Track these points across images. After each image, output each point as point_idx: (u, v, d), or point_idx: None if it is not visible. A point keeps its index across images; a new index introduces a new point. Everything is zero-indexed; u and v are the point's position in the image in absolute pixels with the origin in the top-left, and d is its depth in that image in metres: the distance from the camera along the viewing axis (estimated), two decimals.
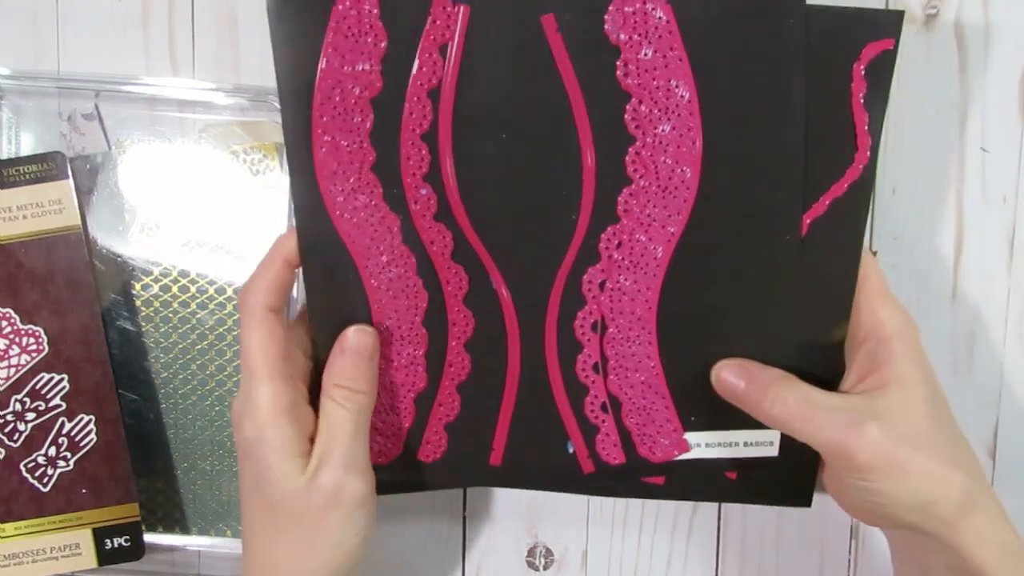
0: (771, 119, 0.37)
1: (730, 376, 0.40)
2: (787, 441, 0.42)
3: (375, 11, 0.36)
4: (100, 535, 0.46)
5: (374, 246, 0.39)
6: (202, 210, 0.46)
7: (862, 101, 0.37)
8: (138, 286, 0.46)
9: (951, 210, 0.45)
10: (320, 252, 0.39)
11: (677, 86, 0.37)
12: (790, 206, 0.38)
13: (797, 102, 0.37)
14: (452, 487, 0.46)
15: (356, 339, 0.39)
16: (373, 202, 0.38)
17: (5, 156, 0.46)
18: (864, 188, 0.38)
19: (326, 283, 0.39)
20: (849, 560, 0.47)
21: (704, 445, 0.42)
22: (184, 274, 0.46)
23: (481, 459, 0.43)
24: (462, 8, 0.36)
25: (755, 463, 0.42)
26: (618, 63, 0.37)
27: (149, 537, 0.47)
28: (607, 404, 0.42)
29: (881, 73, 0.37)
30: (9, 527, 0.45)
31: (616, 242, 0.39)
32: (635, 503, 0.47)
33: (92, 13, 0.46)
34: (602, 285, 0.40)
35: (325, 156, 0.38)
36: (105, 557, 0.46)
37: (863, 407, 0.37)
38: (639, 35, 0.37)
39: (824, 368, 0.40)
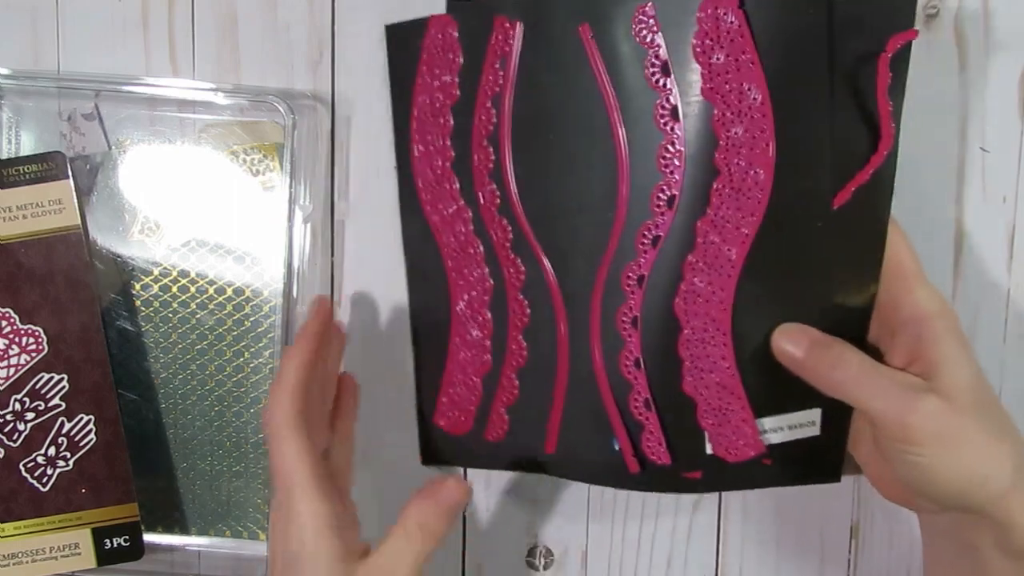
0: (799, 111, 0.38)
1: (790, 340, 0.40)
2: (823, 417, 0.41)
3: (454, 32, 0.42)
4: (99, 535, 0.45)
5: (452, 233, 0.44)
6: (202, 210, 0.46)
7: (887, 91, 0.38)
8: (138, 286, 0.46)
9: (951, 210, 0.45)
10: (415, 237, 0.45)
11: (749, 89, 0.38)
12: (820, 195, 0.39)
13: (822, 93, 0.38)
14: (514, 470, 0.47)
15: (449, 493, 0.38)
16: (452, 195, 0.43)
17: (5, 156, 0.46)
18: (888, 175, 0.39)
19: (419, 262, 0.45)
20: (849, 560, 0.47)
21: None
22: (184, 274, 0.46)
23: (538, 445, 0.44)
24: (518, 24, 0.40)
25: (793, 445, 0.42)
26: (646, 63, 0.39)
27: (148, 537, 0.47)
28: (650, 401, 0.41)
29: (901, 62, 0.38)
30: (8, 527, 0.45)
31: (652, 237, 0.40)
32: (635, 502, 0.47)
33: (92, 13, 0.46)
34: (640, 280, 0.41)
35: (419, 154, 0.44)
36: (104, 557, 0.46)
37: (920, 382, 0.37)
38: (711, 40, 0.38)
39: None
